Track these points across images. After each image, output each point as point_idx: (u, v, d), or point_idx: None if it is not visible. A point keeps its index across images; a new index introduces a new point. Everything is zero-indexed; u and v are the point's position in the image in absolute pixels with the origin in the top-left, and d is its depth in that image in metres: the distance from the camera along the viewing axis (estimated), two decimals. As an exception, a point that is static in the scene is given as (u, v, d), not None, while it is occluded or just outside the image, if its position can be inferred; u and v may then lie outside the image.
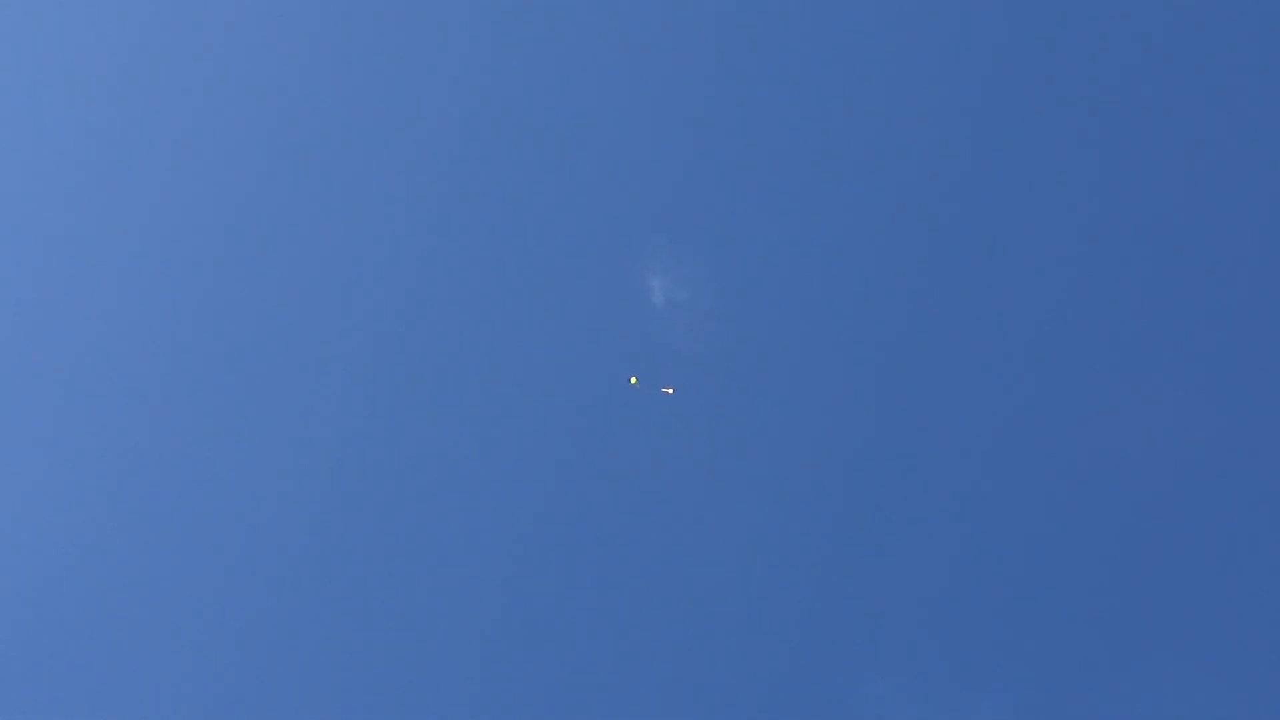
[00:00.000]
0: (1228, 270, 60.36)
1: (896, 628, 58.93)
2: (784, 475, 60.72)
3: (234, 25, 65.21)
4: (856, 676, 58.32)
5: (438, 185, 63.96)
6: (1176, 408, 59.60)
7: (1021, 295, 61.46)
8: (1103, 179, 61.77)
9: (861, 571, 59.71)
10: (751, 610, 59.56)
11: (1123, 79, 62.35)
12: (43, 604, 60.62)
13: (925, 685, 57.86)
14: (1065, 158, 62.19)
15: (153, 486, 61.46)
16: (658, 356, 61.15)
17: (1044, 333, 60.83)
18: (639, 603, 59.88)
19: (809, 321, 62.09)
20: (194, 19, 65.16)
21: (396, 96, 64.52)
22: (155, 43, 64.97)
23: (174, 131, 64.56)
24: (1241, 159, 60.95)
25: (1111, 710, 57.06)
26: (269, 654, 59.85)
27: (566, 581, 60.42)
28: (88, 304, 63.36)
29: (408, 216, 63.77)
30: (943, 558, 59.51)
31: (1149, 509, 58.77)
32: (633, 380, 59.62)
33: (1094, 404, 59.93)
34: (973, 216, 62.41)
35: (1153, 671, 57.36)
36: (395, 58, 64.82)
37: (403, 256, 63.41)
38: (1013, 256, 61.91)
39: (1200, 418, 59.32)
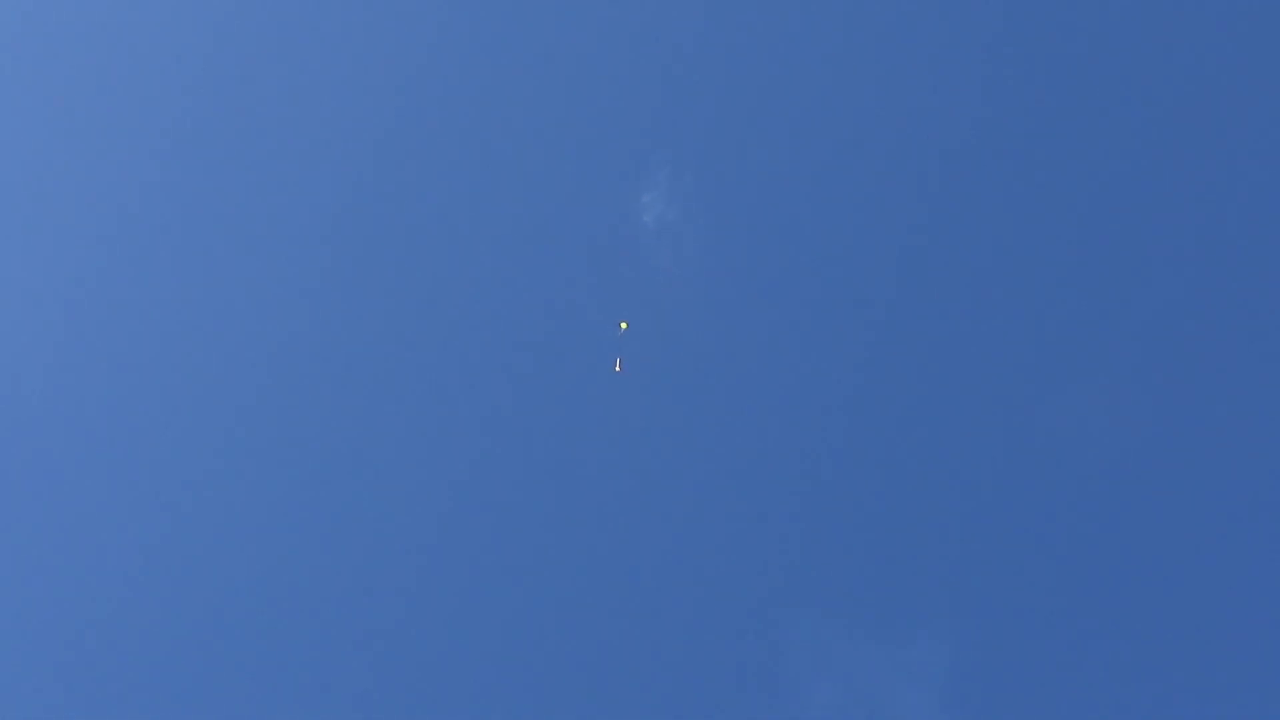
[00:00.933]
0: (1217, 269, 60.42)
1: (830, 563, 58.45)
2: (737, 408, 60.55)
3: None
4: (790, 613, 57.46)
5: (435, 96, 65.04)
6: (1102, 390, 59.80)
7: (999, 233, 61.85)
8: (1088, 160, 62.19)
9: (798, 505, 59.28)
10: (685, 545, 59.08)
11: (1106, 76, 62.96)
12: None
13: (860, 621, 57.14)
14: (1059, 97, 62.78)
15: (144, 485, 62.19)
16: (646, 276, 61.25)
17: (1009, 279, 61.38)
18: (573, 538, 59.61)
19: (794, 253, 61.94)
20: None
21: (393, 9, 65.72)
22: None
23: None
24: (1238, 159, 61.20)
25: (1050, 645, 56.27)
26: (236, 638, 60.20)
27: (508, 516, 60.43)
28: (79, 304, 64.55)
29: (400, 129, 64.83)
30: (880, 491, 59.28)
31: (1088, 453, 58.71)
32: (623, 325, 58.80)
33: (1039, 354, 60.57)
34: (969, 152, 62.86)
35: (1091, 606, 56.72)
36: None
37: (396, 166, 64.40)
38: (995, 191, 62.39)
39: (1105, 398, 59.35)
